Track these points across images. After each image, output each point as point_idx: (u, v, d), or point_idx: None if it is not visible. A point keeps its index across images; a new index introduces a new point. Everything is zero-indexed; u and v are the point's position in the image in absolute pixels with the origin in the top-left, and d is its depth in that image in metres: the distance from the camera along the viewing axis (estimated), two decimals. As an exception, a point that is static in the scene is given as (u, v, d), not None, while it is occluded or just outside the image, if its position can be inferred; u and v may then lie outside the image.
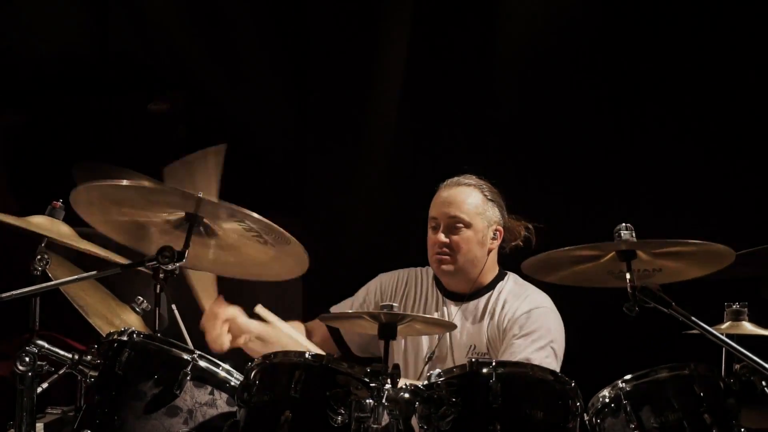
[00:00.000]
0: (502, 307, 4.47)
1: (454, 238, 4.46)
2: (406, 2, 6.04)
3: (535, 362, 4.10)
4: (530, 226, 4.62)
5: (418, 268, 4.71)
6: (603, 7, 5.75)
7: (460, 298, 4.56)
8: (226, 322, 4.28)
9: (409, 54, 6.04)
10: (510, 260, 4.57)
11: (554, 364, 4.27)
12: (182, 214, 3.69)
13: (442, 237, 4.46)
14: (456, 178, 4.56)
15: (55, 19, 6.50)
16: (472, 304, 4.53)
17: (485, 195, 4.52)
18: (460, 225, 4.46)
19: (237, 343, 4.28)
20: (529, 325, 4.36)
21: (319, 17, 6.30)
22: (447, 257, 4.46)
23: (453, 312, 4.52)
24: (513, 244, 4.60)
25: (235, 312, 4.31)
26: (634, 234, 3.53)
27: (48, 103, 6.49)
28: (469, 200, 4.49)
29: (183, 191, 3.63)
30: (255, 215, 3.58)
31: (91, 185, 3.67)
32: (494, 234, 4.54)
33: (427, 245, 4.57)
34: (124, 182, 3.66)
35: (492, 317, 4.46)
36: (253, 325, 4.30)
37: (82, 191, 3.66)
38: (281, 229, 3.64)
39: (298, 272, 3.91)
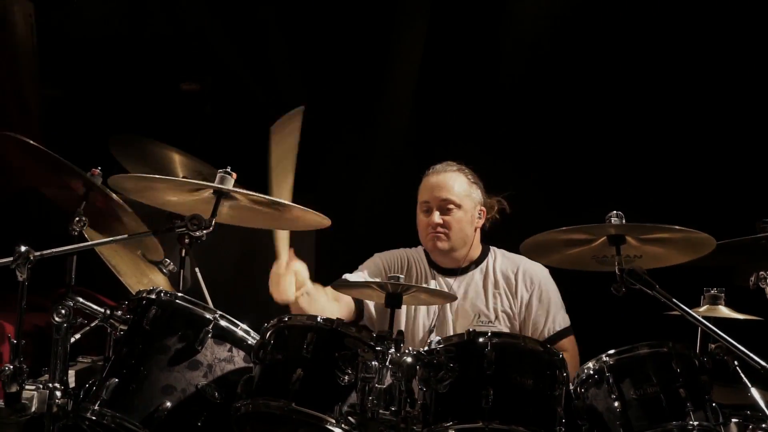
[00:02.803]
0: (506, 279, 4.57)
1: (447, 218, 4.53)
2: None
3: (566, 324, 4.45)
4: (501, 199, 4.70)
5: (410, 249, 4.76)
6: (597, 13, 5.75)
7: (453, 272, 4.61)
8: (294, 273, 4.15)
9: (424, 48, 6.04)
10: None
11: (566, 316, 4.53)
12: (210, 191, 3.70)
13: (436, 218, 4.51)
14: (440, 165, 4.64)
15: (97, 2, 6.50)
16: (467, 276, 4.59)
17: (469, 178, 4.61)
18: (452, 206, 4.52)
19: (295, 295, 4.16)
20: (544, 296, 4.51)
21: (339, 5, 6.30)
22: (443, 236, 4.52)
23: (449, 285, 4.57)
24: (489, 217, 4.68)
25: (302, 266, 4.20)
26: (624, 221, 3.55)
27: (88, 79, 6.49)
28: (457, 184, 4.56)
29: (207, 184, 3.66)
30: (282, 201, 3.59)
31: (126, 176, 3.70)
32: (479, 213, 4.63)
33: (418, 227, 4.63)
34: (155, 176, 3.67)
35: (498, 287, 4.55)
36: (308, 281, 4.22)
37: (118, 179, 3.71)
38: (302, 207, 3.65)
39: (318, 226, 3.91)
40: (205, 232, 3.57)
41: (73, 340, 3.60)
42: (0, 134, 3.89)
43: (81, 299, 3.57)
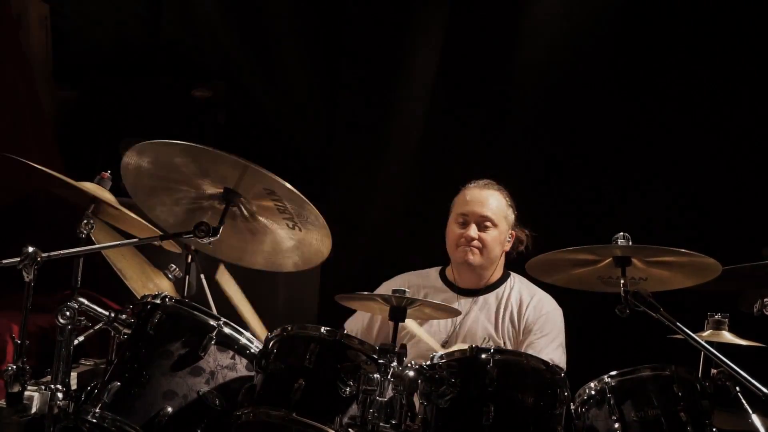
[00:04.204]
0: (519, 306, 4.52)
1: (483, 235, 4.50)
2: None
3: (556, 360, 4.16)
4: (528, 233, 4.66)
5: (419, 271, 4.73)
6: (605, 40, 5.75)
7: (469, 293, 4.59)
8: None
9: (440, 57, 6.04)
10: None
11: (565, 357, 4.38)
12: (221, 189, 3.68)
13: (473, 231, 4.48)
14: (482, 181, 4.61)
15: (113, 6, 6.52)
16: (482, 298, 4.56)
17: (506, 201, 4.59)
18: (489, 224, 4.50)
19: None
20: (547, 327, 4.44)
21: (353, 11, 6.29)
22: (477, 251, 4.50)
23: (466, 305, 4.53)
24: (516, 248, 4.65)
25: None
26: (630, 242, 3.55)
27: (101, 82, 6.51)
28: (498, 203, 4.54)
29: (232, 158, 3.58)
30: (287, 185, 3.55)
31: (147, 143, 3.60)
32: (509, 237, 4.60)
33: (447, 238, 4.59)
34: (177, 142, 3.59)
35: (507, 313, 4.51)
36: None
37: (134, 153, 3.63)
38: (310, 204, 3.64)
39: (316, 261, 3.88)
40: (212, 239, 3.57)
41: (76, 342, 3.59)
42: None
43: (86, 302, 3.56)
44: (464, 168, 4.74)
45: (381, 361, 3.40)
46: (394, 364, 3.38)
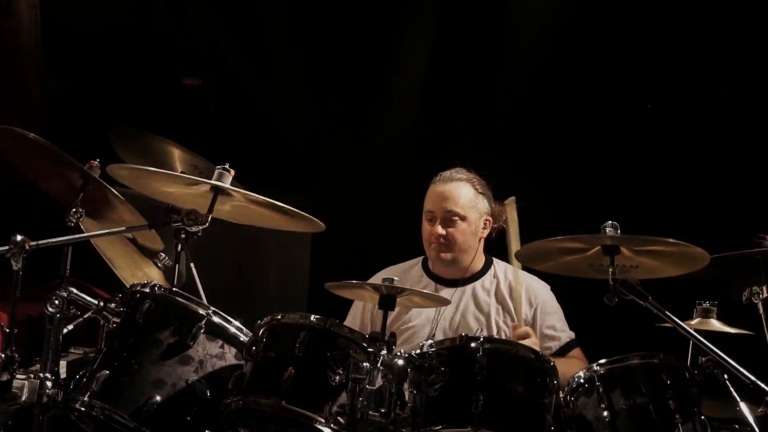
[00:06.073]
0: (510, 293, 4.52)
1: (451, 230, 4.48)
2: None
3: (571, 335, 4.47)
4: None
5: (398, 265, 4.73)
6: (596, 27, 5.74)
7: (453, 283, 4.58)
8: None
9: (430, 51, 6.02)
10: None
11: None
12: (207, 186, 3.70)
13: (439, 229, 4.47)
14: (448, 173, 4.56)
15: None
16: (468, 288, 4.56)
17: (476, 189, 4.54)
18: (456, 218, 4.48)
19: None
20: (548, 308, 4.50)
21: (344, 4, 6.28)
22: (445, 247, 4.48)
23: (448, 296, 4.52)
24: (496, 226, 4.61)
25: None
26: (618, 231, 3.53)
27: (91, 71, 6.49)
28: (463, 195, 4.50)
29: (206, 181, 3.64)
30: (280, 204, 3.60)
31: (126, 166, 3.69)
32: (484, 224, 4.57)
33: (422, 234, 4.58)
34: (153, 169, 3.69)
35: (498, 301, 4.52)
36: None
37: (117, 168, 3.70)
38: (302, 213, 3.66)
39: (314, 230, 3.94)
40: (201, 227, 3.57)
41: (65, 331, 3.59)
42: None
43: (75, 290, 3.56)
44: (453, 159, 4.70)
45: (370, 349, 3.40)
46: (384, 352, 3.38)
